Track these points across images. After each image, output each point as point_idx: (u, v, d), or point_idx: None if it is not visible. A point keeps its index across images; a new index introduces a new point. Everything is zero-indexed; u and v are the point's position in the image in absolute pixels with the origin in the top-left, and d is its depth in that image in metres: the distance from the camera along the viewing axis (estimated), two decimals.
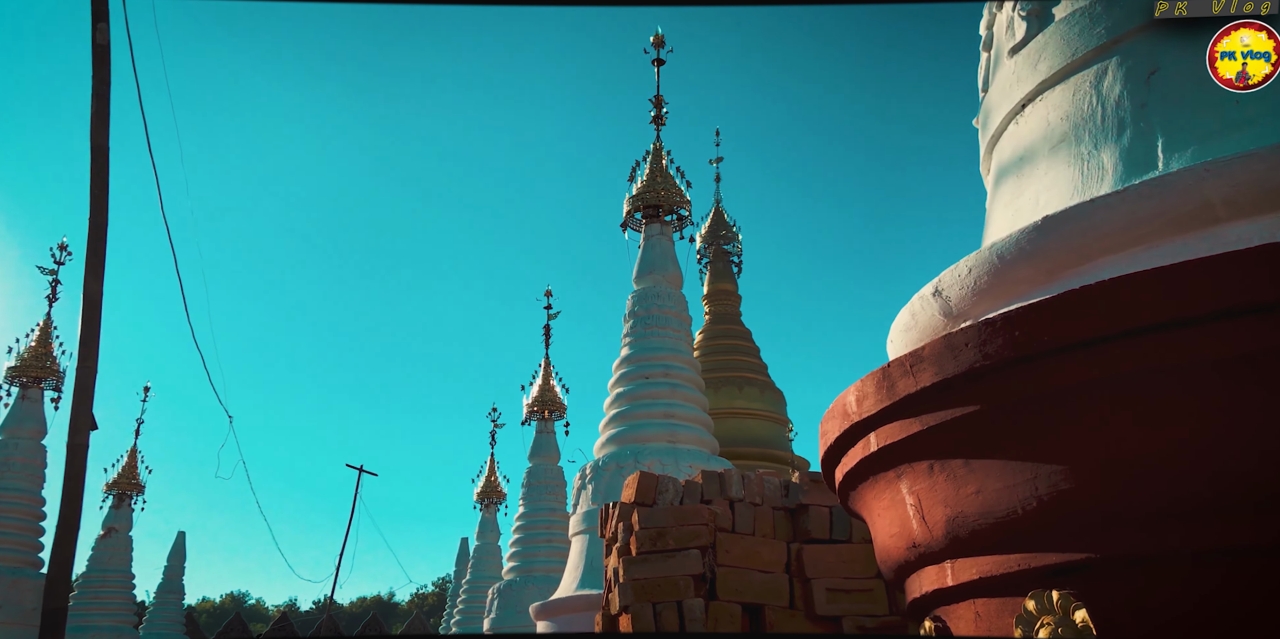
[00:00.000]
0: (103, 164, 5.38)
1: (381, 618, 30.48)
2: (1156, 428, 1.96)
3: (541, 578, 14.23)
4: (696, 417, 9.64)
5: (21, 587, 13.33)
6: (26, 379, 14.00)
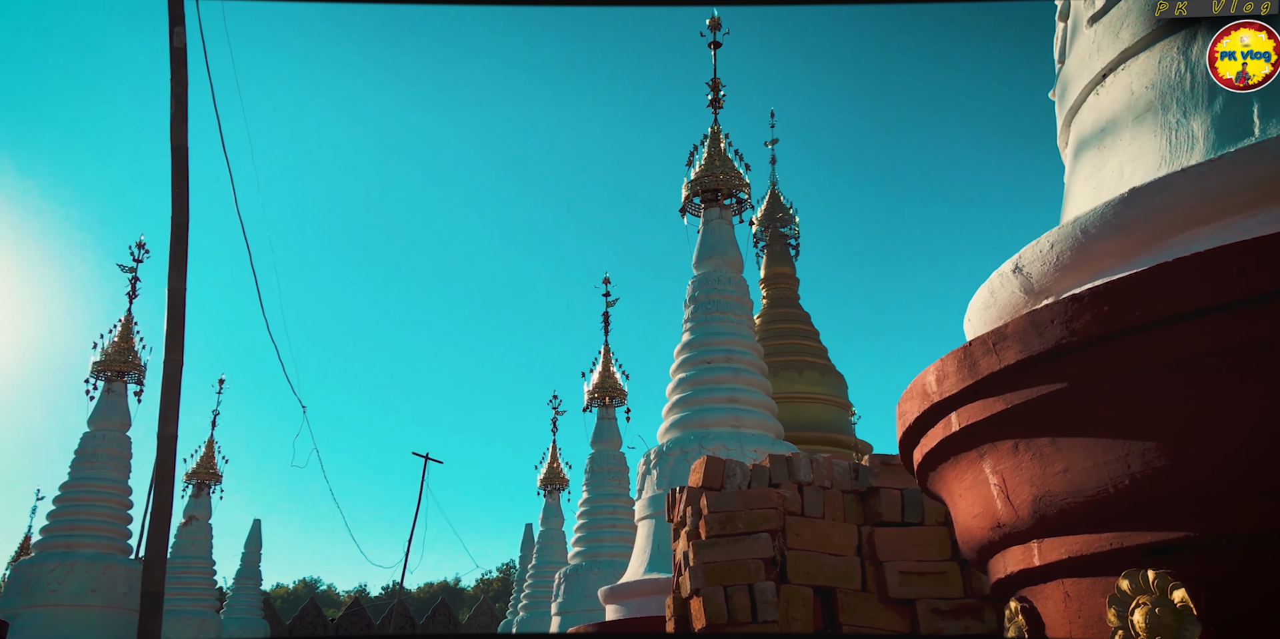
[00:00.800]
0: (182, 163, 5.58)
1: (449, 603, 31.14)
2: (1255, 403, 1.92)
3: (607, 563, 14.39)
4: (760, 401, 9.62)
5: (114, 572, 13.97)
6: (111, 373, 14.62)
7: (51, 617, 13.50)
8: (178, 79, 5.56)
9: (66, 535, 13.98)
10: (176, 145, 5.56)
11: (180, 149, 5.56)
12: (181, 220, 5.59)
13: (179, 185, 5.58)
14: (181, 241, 5.61)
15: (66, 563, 13.72)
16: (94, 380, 14.49)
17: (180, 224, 5.58)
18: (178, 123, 5.58)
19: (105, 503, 14.26)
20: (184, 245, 5.62)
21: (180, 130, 5.59)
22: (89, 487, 14.21)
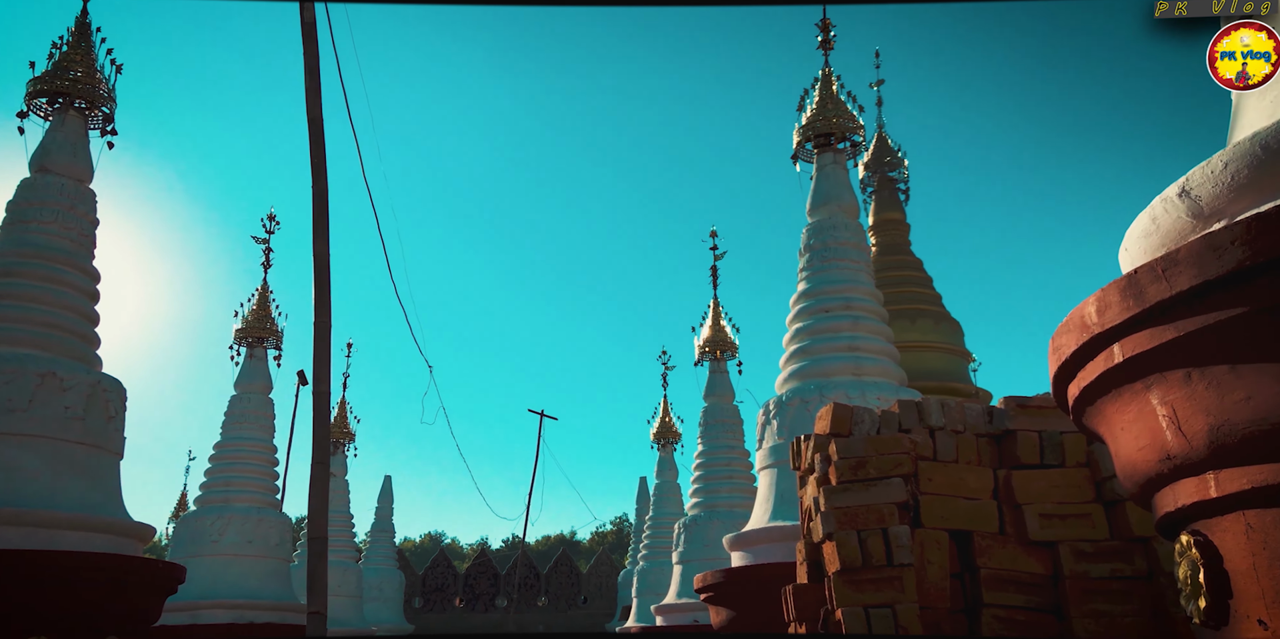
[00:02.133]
0: (318, 134, 5.85)
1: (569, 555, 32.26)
2: None
3: (725, 513, 14.61)
4: (881, 348, 9.48)
5: (266, 524, 15.07)
6: (252, 340, 15.61)
7: (214, 565, 14.66)
8: (309, 53, 5.82)
9: (223, 491, 15.13)
10: (312, 117, 5.84)
11: (315, 120, 5.83)
12: (321, 189, 5.88)
13: (316, 155, 5.86)
14: (323, 210, 5.91)
15: (225, 516, 14.87)
16: (237, 347, 15.51)
17: (320, 193, 5.88)
18: (312, 96, 5.85)
19: (255, 461, 15.35)
20: (325, 213, 5.92)
21: (315, 103, 5.86)
22: (240, 446, 15.31)
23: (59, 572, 8.25)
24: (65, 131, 9.63)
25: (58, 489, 8.65)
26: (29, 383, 8.47)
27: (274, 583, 15.21)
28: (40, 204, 9.39)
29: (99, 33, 9.70)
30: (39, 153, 9.62)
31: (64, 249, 9.42)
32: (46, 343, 8.92)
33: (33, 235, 9.34)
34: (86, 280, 9.60)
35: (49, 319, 9.01)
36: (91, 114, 9.79)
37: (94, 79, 9.63)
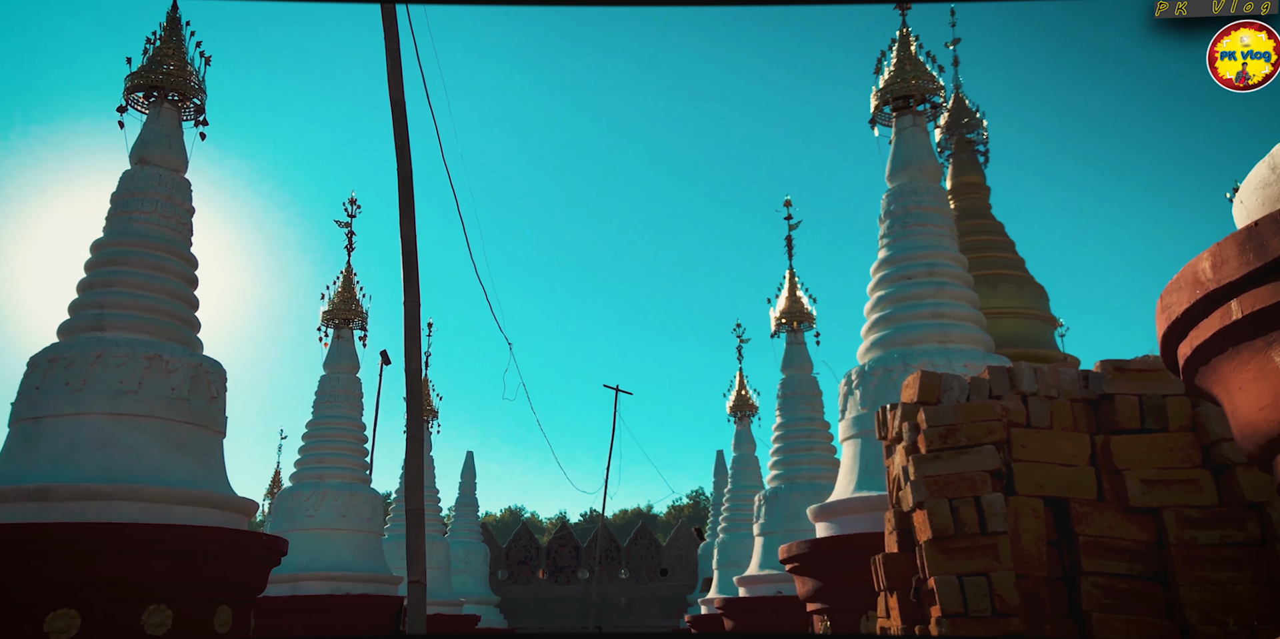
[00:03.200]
0: (401, 117, 5.98)
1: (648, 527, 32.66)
2: None
3: (806, 484, 14.58)
4: (968, 314, 9.27)
5: (358, 499, 15.65)
6: (338, 321, 16.13)
7: (310, 539, 15.29)
8: (390, 38, 5.94)
9: (317, 467, 15.74)
10: (395, 101, 5.97)
11: (398, 104, 5.96)
12: (405, 172, 6.03)
13: (400, 139, 6.00)
14: (408, 192, 6.05)
15: (319, 492, 15.47)
16: (324, 328, 16.07)
17: (405, 175, 6.02)
18: (394, 80, 5.98)
19: (346, 438, 15.93)
20: (410, 195, 6.06)
21: (396, 87, 5.98)
22: (330, 424, 15.90)
23: (175, 544, 8.73)
24: (161, 124, 10.06)
25: (169, 466, 9.12)
26: (138, 366, 8.93)
27: (367, 555, 15.80)
28: (141, 194, 9.85)
29: (188, 27, 10.09)
30: (138, 145, 10.08)
31: (164, 237, 9.87)
32: (152, 328, 9.38)
33: (135, 225, 9.81)
34: (186, 267, 10.04)
35: (153, 305, 9.47)
36: (184, 106, 10.19)
37: (185, 72, 10.01)
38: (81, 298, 9.52)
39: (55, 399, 8.85)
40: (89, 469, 8.73)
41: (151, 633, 8.64)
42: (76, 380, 8.80)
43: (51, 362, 8.95)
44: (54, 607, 8.24)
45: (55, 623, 8.28)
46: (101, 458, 8.81)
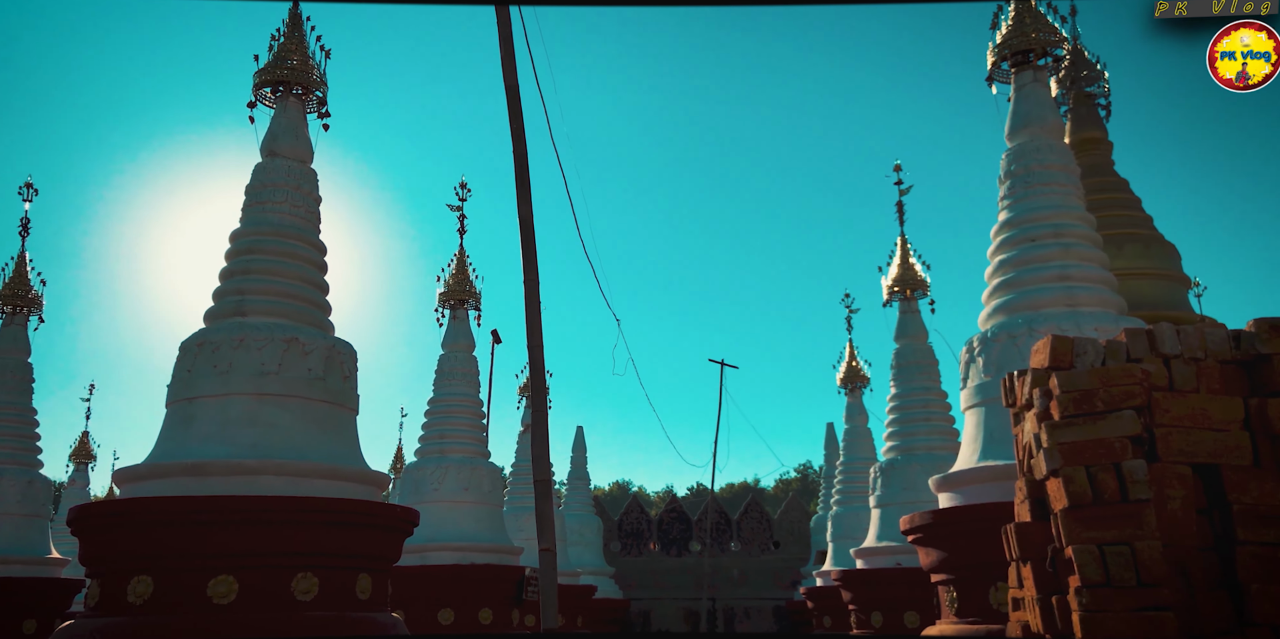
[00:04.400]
0: (515, 102, 6.12)
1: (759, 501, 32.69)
2: None
3: (924, 456, 14.33)
4: (1097, 276, 8.86)
5: (479, 473, 16.26)
6: (454, 302, 16.72)
7: (436, 511, 15.96)
8: (503, 20, 6.07)
9: (439, 443, 16.42)
10: (509, 85, 6.11)
11: (513, 88, 6.10)
12: (521, 154, 6.17)
13: (515, 122, 6.15)
14: (524, 173, 6.21)
15: (442, 466, 16.14)
16: (441, 309, 16.67)
17: (520, 157, 6.17)
18: (508, 64, 6.12)
19: (465, 414, 16.55)
20: (526, 177, 6.21)
21: (510, 71, 6.12)
22: (451, 401, 16.55)
23: (318, 515, 9.27)
24: (287, 117, 10.59)
25: (309, 442, 9.68)
26: (277, 349, 9.49)
27: (490, 527, 16.41)
28: (272, 186, 10.41)
29: (308, 22, 10.56)
30: (267, 138, 10.64)
31: (295, 226, 10.41)
32: (288, 312, 9.94)
33: (268, 215, 10.38)
34: (316, 253, 10.58)
35: (288, 290, 10.03)
36: (307, 99, 10.69)
37: (308, 66, 10.48)
38: (223, 285, 10.16)
39: (205, 381, 9.50)
40: (238, 446, 9.35)
41: (300, 599, 9.24)
42: (223, 363, 9.42)
43: (200, 346, 9.60)
44: (214, 573, 8.90)
45: (216, 588, 8.95)
46: (248, 435, 9.42)
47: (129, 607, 8.78)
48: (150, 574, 8.82)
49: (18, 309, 15.40)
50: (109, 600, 8.94)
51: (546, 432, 6.65)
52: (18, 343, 15.41)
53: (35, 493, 15.20)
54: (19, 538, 14.86)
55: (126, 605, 8.78)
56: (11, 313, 15.40)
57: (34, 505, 15.19)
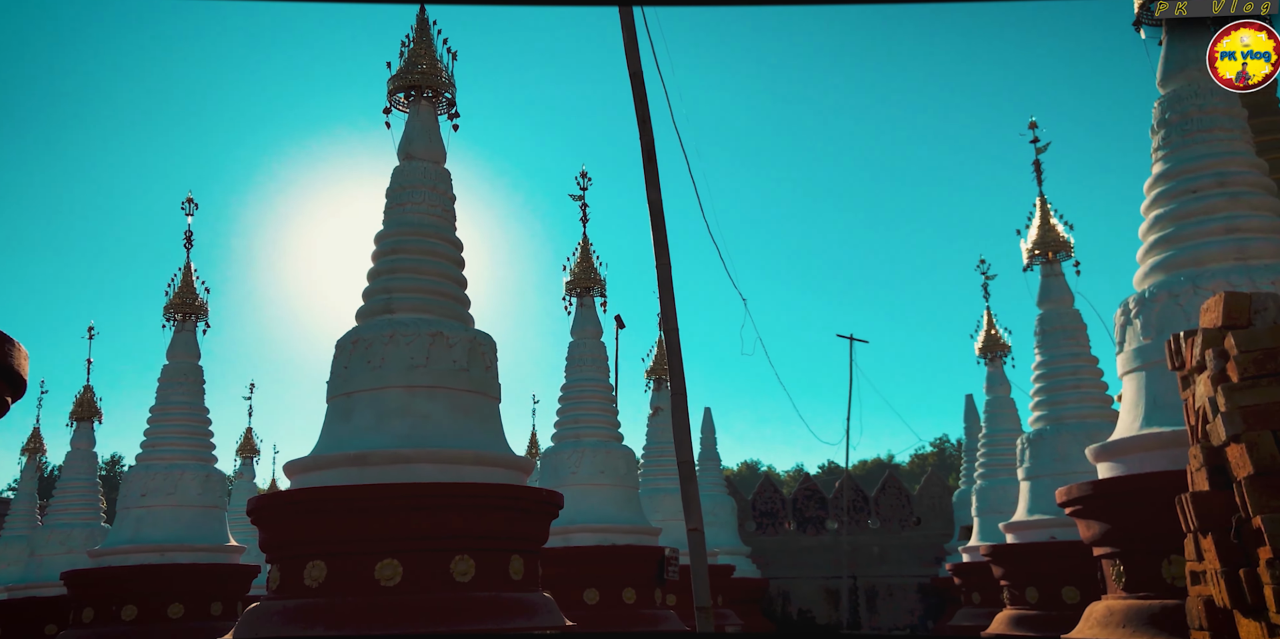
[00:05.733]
0: (640, 88, 6.18)
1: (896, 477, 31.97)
2: None
3: (1075, 425, 13.67)
4: (1271, 225, 8.14)
5: (614, 456, 16.58)
6: (580, 290, 17.04)
7: (575, 494, 16.36)
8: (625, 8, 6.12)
9: (574, 427, 16.83)
10: (633, 72, 6.17)
11: (637, 75, 6.16)
12: (648, 140, 6.23)
13: (640, 108, 6.21)
14: (651, 158, 6.26)
15: (578, 450, 16.53)
16: (568, 297, 17.03)
17: (647, 144, 6.23)
18: (631, 51, 6.17)
19: (597, 399, 16.89)
20: (653, 162, 6.27)
21: (634, 58, 6.18)
22: (582, 386, 16.91)
23: (470, 500, 9.69)
24: (420, 120, 11.05)
25: (457, 431, 10.11)
26: (424, 343, 9.94)
27: (628, 508, 16.73)
28: (410, 187, 10.90)
29: (434, 26, 10.96)
30: (403, 142, 11.14)
31: (433, 225, 10.87)
32: (432, 307, 10.40)
33: (408, 215, 10.87)
34: (453, 250, 11.02)
35: (431, 287, 10.49)
36: (437, 101, 11.11)
37: (436, 69, 10.89)
38: (372, 285, 10.73)
39: (360, 376, 10.06)
40: (394, 436, 9.86)
41: (459, 580, 9.69)
42: (376, 359, 9.95)
43: (354, 344, 10.17)
44: (380, 557, 9.44)
45: (383, 571, 9.50)
46: (403, 425, 9.93)
47: (306, 589, 9.43)
48: (323, 559, 9.44)
49: (187, 316, 16.67)
50: (288, 584, 9.63)
51: (687, 413, 6.73)
52: (189, 348, 16.70)
53: (212, 486, 16.48)
54: (201, 527, 16.16)
55: (304, 588, 9.43)
56: (181, 320, 16.69)
57: (212, 497, 16.48)
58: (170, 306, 16.57)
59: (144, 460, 16.34)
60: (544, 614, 10.06)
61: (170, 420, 16.43)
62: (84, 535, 19.52)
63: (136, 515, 15.83)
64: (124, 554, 15.42)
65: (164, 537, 15.60)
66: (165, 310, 16.57)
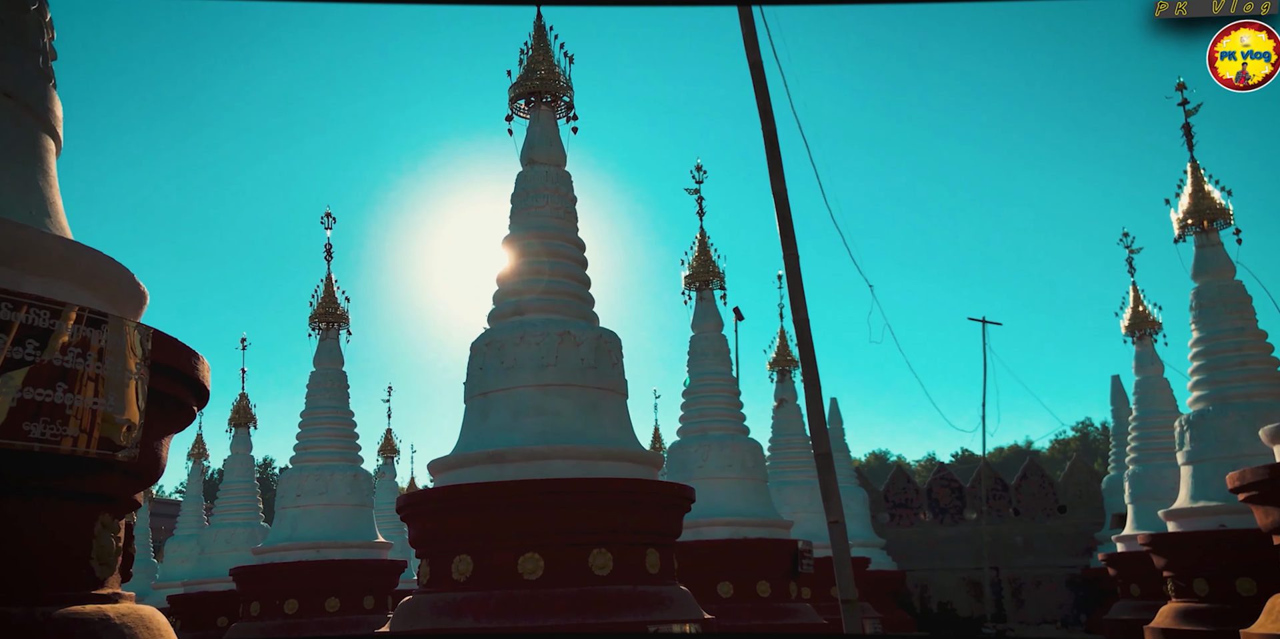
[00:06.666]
0: (761, 79, 6.10)
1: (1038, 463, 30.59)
2: None
3: (1241, 404, 12.67)
4: None
5: (741, 449, 16.46)
6: (699, 283, 17.01)
7: (703, 488, 16.31)
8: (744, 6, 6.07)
9: (699, 421, 16.82)
10: (753, 62, 6.09)
11: (756, 66, 6.08)
12: (770, 128, 6.15)
13: (761, 98, 6.13)
14: (774, 147, 6.18)
15: (704, 444, 16.51)
16: (686, 292, 17.02)
17: (769, 132, 6.15)
18: (750, 43, 6.11)
19: (720, 393, 16.83)
20: (776, 151, 6.19)
21: (753, 49, 6.10)
22: (705, 380, 16.88)
23: (605, 495, 9.83)
24: (541, 125, 11.31)
25: (588, 427, 10.28)
26: (553, 342, 10.16)
27: (757, 501, 16.61)
28: (533, 192, 11.17)
29: (552, 31, 11.18)
30: (525, 148, 11.42)
31: (557, 227, 11.10)
32: (559, 307, 10.62)
33: (532, 219, 11.14)
34: (576, 250, 11.22)
35: (557, 287, 10.72)
36: (556, 105, 11.33)
37: (554, 74, 11.10)
38: (501, 288, 11.07)
39: (494, 377, 10.38)
40: (528, 434, 10.12)
41: (598, 573, 9.85)
42: (508, 359, 10.24)
43: (487, 345, 10.50)
44: (523, 551, 9.70)
45: (525, 564, 9.75)
46: (536, 423, 10.17)
47: (454, 583, 9.79)
48: (469, 553, 9.78)
49: (330, 325, 17.59)
50: (437, 578, 10.02)
51: (822, 405, 6.62)
52: (333, 355, 17.61)
53: (360, 485, 17.35)
54: (351, 525, 17.03)
55: (452, 582, 9.80)
56: (325, 329, 17.61)
57: (360, 496, 17.34)
58: (315, 316, 17.50)
59: (297, 462, 17.35)
60: (682, 607, 10.11)
61: (319, 424, 17.36)
62: (247, 534, 20.91)
63: (293, 514, 16.82)
64: (283, 551, 16.42)
65: (319, 534, 16.52)
66: (310, 320, 17.52)
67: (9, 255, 3.13)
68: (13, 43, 3.37)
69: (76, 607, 3.35)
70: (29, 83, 3.45)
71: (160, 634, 3.72)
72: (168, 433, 3.88)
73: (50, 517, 3.35)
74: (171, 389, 3.69)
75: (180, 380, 3.73)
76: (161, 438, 3.80)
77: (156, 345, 3.48)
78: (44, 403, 3.11)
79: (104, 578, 3.64)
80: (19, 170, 3.37)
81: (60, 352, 3.16)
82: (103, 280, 3.59)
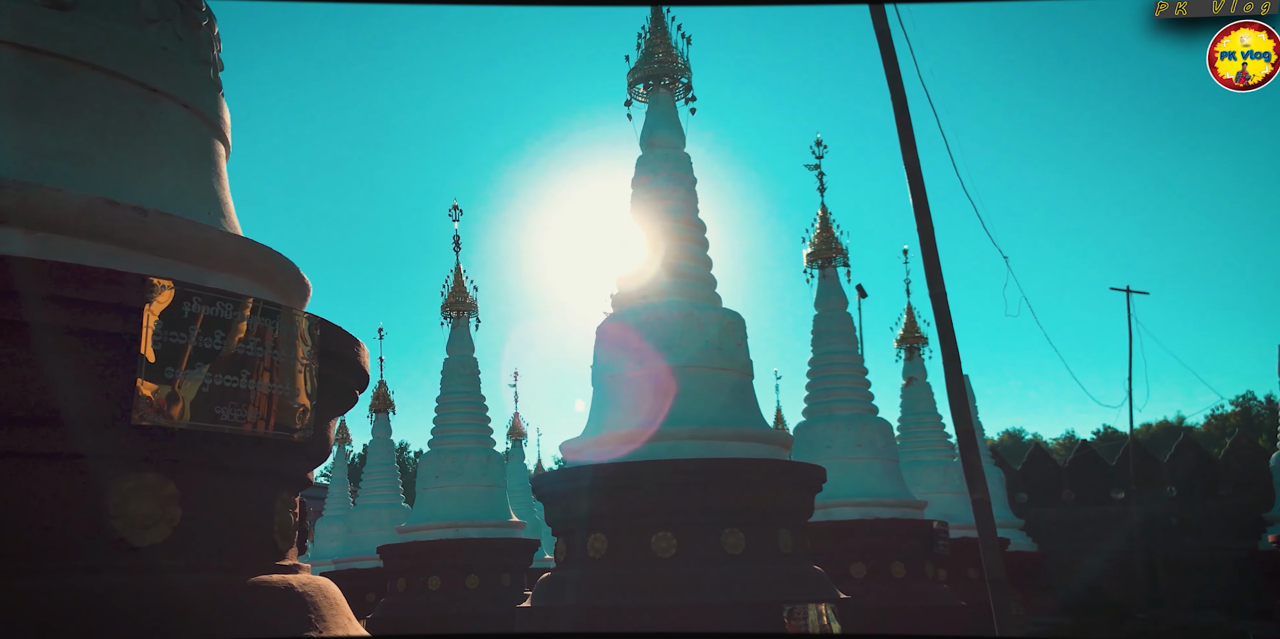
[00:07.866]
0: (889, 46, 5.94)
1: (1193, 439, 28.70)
2: None
3: None
4: None
5: (869, 428, 16.15)
6: (821, 261, 16.77)
7: (832, 467, 16.08)
8: None
9: (825, 401, 16.60)
10: (880, 30, 5.95)
11: (884, 32, 5.92)
12: (900, 100, 5.98)
13: (890, 65, 5.96)
14: (904, 117, 6.01)
15: (831, 424, 16.30)
16: (809, 270, 16.78)
17: (899, 101, 5.98)
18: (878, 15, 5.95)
19: (846, 372, 16.53)
20: (907, 120, 6.01)
21: (880, 18, 5.94)
22: (830, 359, 16.62)
23: (736, 475, 9.87)
24: (659, 109, 11.41)
25: (715, 407, 10.33)
26: (678, 324, 10.25)
27: (889, 481, 16.27)
28: (653, 175, 11.27)
29: (668, 12, 11.21)
30: (645, 131, 11.53)
31: (678, 209, 11.16)
32: (684, 289, 10.70)
33: (653, 202, 11.26)
34: (698, 231, 11.25)
35: (680, 269, 10.80)
36: (674, 88, 11.39)
37: (671, 56, 11.16)
38: (625, 272, 11.26)
39: (622, 359, 10.57)
40: (656, 415, 10.25)
41: (730, 552, 9.91)
42: (635, 342, 10.40)
43: (615, 328, 10.72)
44: (655, 530, 9.86)
45: (658, 543, 9.91)
46: (663, 404, 10.29)
47: (590, 560, 10.05)
48: (604, 532, 10.01)
49: (460, 313, 18.26)
50: (573, 556, 10.31)
51: (962, 382, 6.43)
52: (464, 343, 18.29)
53: (493, 467, 17.98)
54: (486, 505, 17.69)
55: (588, 559, 10.06)
56: (456, 318, 18.29)
57: (494, 477, 17.97)
58: (446, 306, 18.19)
59: (435, 445, 18.13)
60: (816, 586, 10.05)
61: (453, 408, 18.08)
62: (390, 514, 22.04)
63: (432, 495, 17.62)
64: (425, 530, 17.23)
65: (456, 514, 17.25)
66: (442, 309, 18.23)
67: (196, 254, 3.42)
68: (190, 58, 3.67)
69: (264, 576, 3.64)
70: (203, 94, 3.76)
71: (335, 602, 4.00)
72: (334, 415, 4.15)
73: (239, 493, 3.64)
74: (337, 374, 3.94)
75: (345, 366, 3.97)
76: (329, 420, 4.06)
77: (324, 333, 3.72)
78: (229, 388, 3.38)
79: (285, 550, 3.93)
80: (199, 175, 3.67)
81: (241, 341, 3.43)
82: (273, 274, 3.86)
